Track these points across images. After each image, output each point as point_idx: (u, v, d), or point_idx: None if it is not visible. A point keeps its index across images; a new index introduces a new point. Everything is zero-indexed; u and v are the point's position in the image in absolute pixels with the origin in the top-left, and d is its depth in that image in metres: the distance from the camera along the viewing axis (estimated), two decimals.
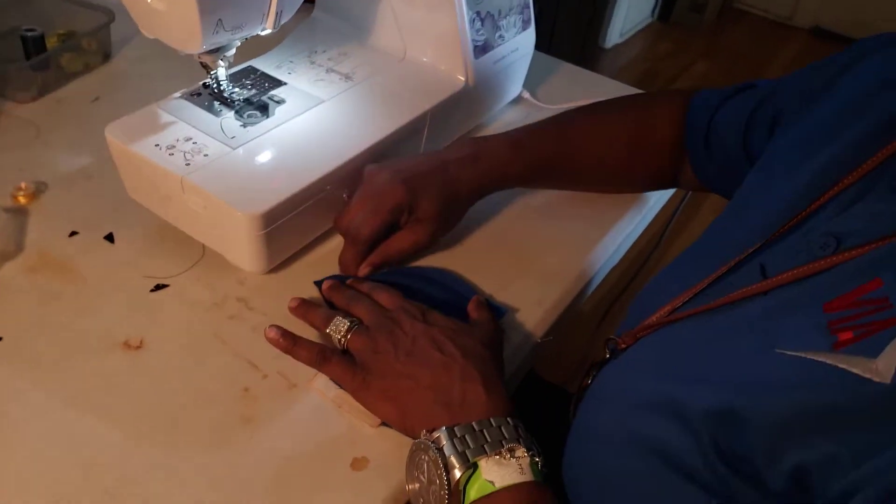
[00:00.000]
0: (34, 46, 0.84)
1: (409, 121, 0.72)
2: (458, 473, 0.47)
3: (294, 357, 0.57)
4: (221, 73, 0.69)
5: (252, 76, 0.74)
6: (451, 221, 0.69)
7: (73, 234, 0.69)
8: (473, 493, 0.47)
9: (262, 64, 0.76)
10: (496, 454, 0.48)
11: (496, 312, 0.65)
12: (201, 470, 0.52)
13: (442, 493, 0.47)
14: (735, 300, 0.47)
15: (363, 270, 0.65)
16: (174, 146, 0.64)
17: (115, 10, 0.91)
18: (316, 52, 0.79)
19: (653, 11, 3.45)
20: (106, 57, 0.93)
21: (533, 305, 0.67)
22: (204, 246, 0.68)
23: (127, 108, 0.85)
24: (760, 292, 0.46)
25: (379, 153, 0.69)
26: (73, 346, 0.59)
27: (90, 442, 0.53)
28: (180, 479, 0.51)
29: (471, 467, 0.48)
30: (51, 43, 0.87)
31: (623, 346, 0.54)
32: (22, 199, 0.71)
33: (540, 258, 0.72)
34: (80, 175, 0.76)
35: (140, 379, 0.58)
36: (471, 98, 0.81)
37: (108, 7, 0.91)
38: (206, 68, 0.69)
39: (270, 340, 0.57)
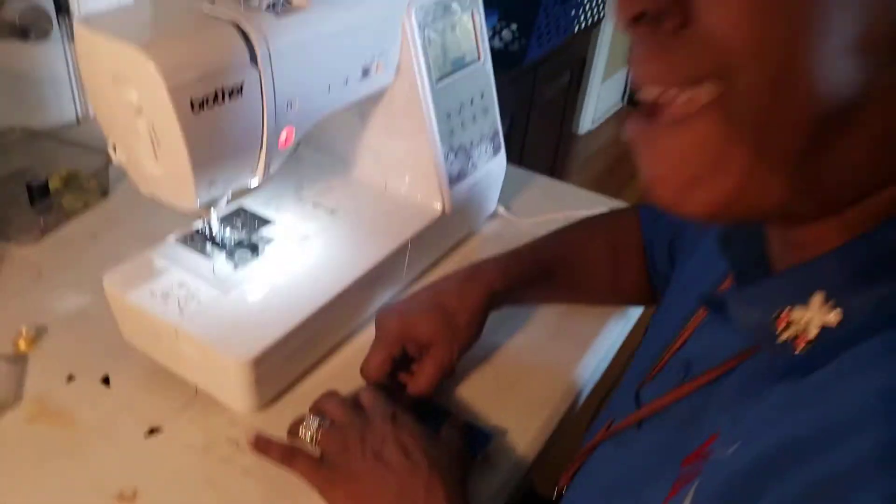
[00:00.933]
0: (38, 193, 0.88)
1: (392, 251, 0.76)
2: None
3: (266, 456, 0.62)
4: (213, 218, 0.73)
5: (242, 215, 0.78)
6: (461, 337, 0.69)
7: (70, 378, 0.71)
8: None
9: (252, 203, 0.80)
10: None
11: (482, 438, 0.67)
12: None
13: None
14: (615, 431, 0.51)
15: None
16: (168, 293, 0.67)
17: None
18: (303, 187, 0.84)
19: (622, 97, 3.59)
20: (104, 194, 0.97)
21: (522, 429, 0.69)
22: (196, 386, 0.71)
23: (123, 245, 0.89)
24: (634, 422, 0.49)
25: (364, 284, 0.73)
26: (68, 500, 0.61)
27: None
28: None
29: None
30: (53, 183, 0.92)
31: (577, 464, 0.57)
32: (22, 345, 0.74)
33: (525, 380, 0.75)
34: (78, 317, 0.79)
35: None
36: (448, 223, 0.85)
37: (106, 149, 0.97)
38: (198, 215, 0.73)
39: (249, 446, 0.63)
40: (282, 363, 0.67)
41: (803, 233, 0.34)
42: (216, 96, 0.56)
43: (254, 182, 0.67)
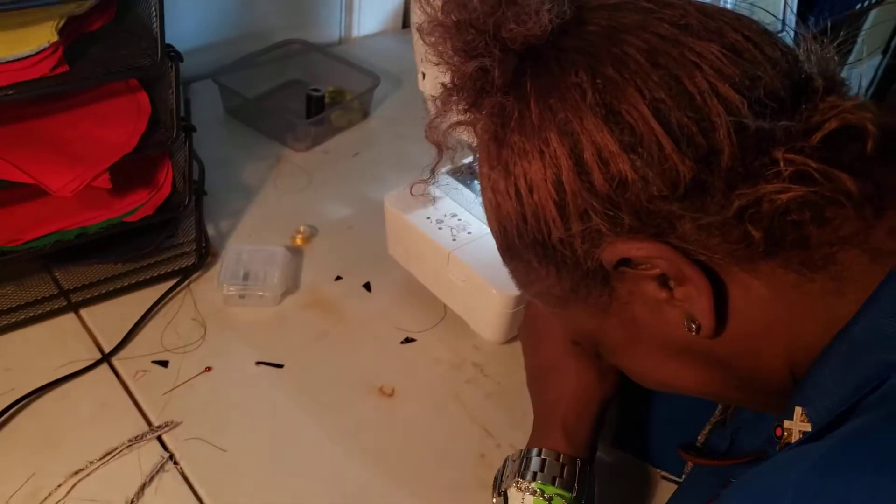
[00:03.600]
0: (315, 105, 0.97)
1: None
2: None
3: None
4: None
5: None
6: None
7: (338, 278, 0.80)
8: None
9: None
10: (515, 484, 0.52)
11: None
12: None
13: None
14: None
15: None
16: (442, 221, 0.73)
17: (380, 76, 1.03)
18: None
19: None
20: (365, 115, 1.05)
21: None
22: (446, 308, 0.77)
23: (381, 166, 0.97)
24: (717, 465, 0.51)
25: None
26: (339, 383, 0.69)
27: (352, 476, 0.62)
28: None
29: (501, 495, 0.53)
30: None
31: None
32: (299, 241, 0.83)
33: None
34: (342, 225, 0.87)
35: (393, 426, 0.66)
36: None
37: (375, 72, 1.04)
38: (473, 150, 0.77)
39: None
40: None
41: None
42: None
43: None
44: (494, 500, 0.55)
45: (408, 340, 0.74)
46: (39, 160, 0.65)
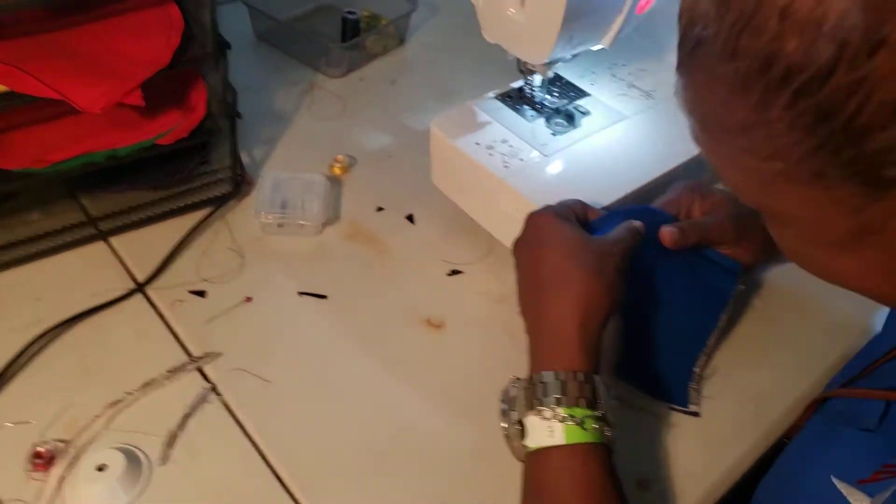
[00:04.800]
0: (350, 29, 0.92)
1: None
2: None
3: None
4: (538, 80, 0.72)
5: (558, 84, 0.77)
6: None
7: (379, 209, 0.76)
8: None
9: (566, 72, 0.78)
10: (536, 413, 0.48)
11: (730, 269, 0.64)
12: (504, 461, 0.56)
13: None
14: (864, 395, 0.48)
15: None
16: (492, 147, 0.68)
17: (417, 1, 0.97)
18: (616, 65, 0.81)
19: None
20: (401, 41, 1.00)
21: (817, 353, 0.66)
22: (492, 239, 0.73)
23: (419, 93, 0.92)
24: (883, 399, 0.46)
25: (676, 176, 0.70)
26: (385, 315, 0.66)
27: (404, 409, 0.59)
28: (488, 462, 0.56)
29: (517, 424, 0.49)
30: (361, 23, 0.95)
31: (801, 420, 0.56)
32: (337, 171, 0.79)
33: (824, 308, 0.70)
34: (382, 154, 0.83)
35: (442, 358, 0.63)
36: None
37: None
38: (524, 73, 0.72)
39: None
40: None
41: None
42: None
43: (603, 44, 0.65)
44: (506, 430, 0.50)
45: (454, 273, 0.70)
46: (66, 74, 0.61)
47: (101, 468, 0.53)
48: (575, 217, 0.58)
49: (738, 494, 0.57)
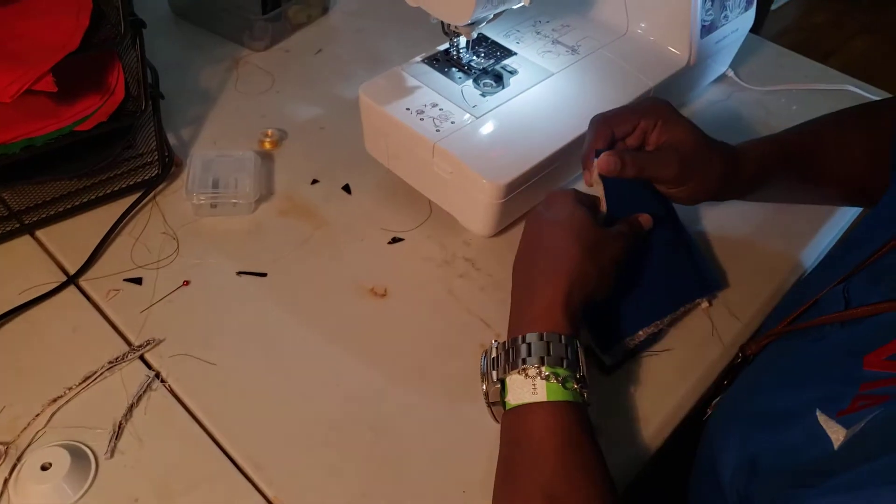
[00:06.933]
0: (272, 1, 0.89)
1: (635, 98, 0.74)
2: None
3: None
4: (463, 41, 0.72)
5: (484, 44, 0.76)
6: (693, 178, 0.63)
7: (314, 181, 0.75)
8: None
9: (491, 32, 0.78)
10: (520, 372, 0.50)
11: (712, 284, 0.67)
12: (453, 417, 0.57)
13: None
14: (815, 325, 0.50)
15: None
16: (423, 111, 0.68)
17: None
18: (540, 22, 0.81)
19: None
20: (324, 10, 0.98)
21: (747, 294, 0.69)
22: (431, 204, 0.73)
23: (347, 61, 0.91)
24: (838, 321, 0.48)
25: None
26: (328, 287, 0.66)
27: (351, 378, 0.60)
28: (433, 424, 0.57)
29: (497, 382, 0.51)
30: None
31: (749, 352, 0.57)
32: (268, 145, 0.78)
33: (753, 250, 0.73)
34: (313, 125, 0.82)
35: (388, 325, 0.63)
36: (687, 76, 0.81)
37: None
38: (449, 36, 0.72)
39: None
40: (522, 194, 0.68)
41: None
42: None
43: (523, 1, 0.65)
44: (486, 390, 0.52)
45: (395, 240, 0.70)
46: None
47: (45, 467, 0.52)
48: (592, 205, 0.61)
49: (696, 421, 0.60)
